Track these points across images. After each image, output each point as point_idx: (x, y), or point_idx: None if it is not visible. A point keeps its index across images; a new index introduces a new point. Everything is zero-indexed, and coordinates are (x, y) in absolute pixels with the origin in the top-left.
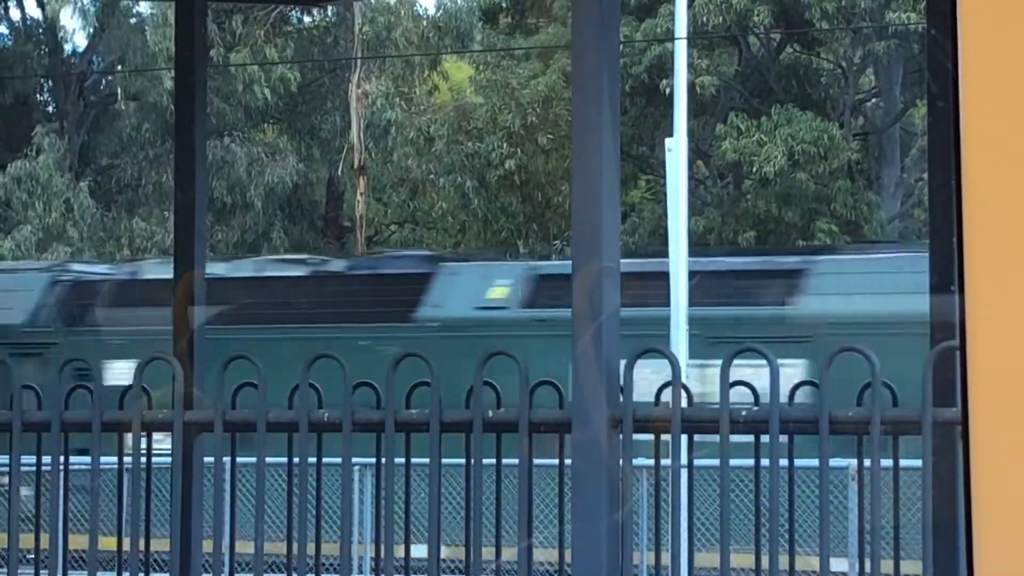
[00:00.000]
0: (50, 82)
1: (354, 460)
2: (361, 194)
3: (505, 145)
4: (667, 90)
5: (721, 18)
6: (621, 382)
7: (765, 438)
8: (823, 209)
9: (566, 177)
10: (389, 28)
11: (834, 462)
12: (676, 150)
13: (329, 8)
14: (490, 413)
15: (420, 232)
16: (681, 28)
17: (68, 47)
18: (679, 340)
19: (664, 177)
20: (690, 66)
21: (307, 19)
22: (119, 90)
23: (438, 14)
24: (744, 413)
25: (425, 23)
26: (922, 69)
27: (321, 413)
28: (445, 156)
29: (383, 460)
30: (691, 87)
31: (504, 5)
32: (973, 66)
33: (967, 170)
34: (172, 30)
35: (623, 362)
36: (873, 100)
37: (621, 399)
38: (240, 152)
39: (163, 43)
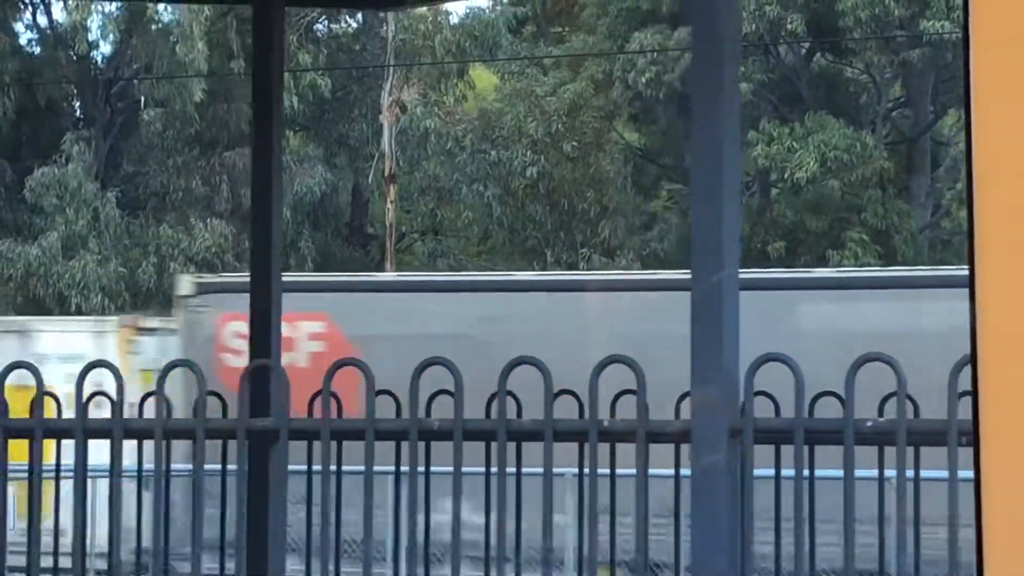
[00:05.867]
0: (78, 89)
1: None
2: (391, 202)
3: (529, 153)
4: None
5: (754, 26)
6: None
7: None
8: (853, 218)
9: (591, 185)
10: (426, 36)
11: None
12: None
13: (360, 15)
14: (605, 422)
15: (447, 242)
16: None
17: (96, 54)
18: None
19: (688, 186)
20: None
21: (334, 26)
22: (143, 98)
23: (467, 22)
24: (869, 424)
25: (461, 32)
26: (953, 78)
27: (431, 421)
28: (470, 165)
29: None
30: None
31: (530, 14)
32: (984, 76)
33: (978, 180)
34: (198, 40)
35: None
36: (902, 109)
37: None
38: None
39: (191, 53)
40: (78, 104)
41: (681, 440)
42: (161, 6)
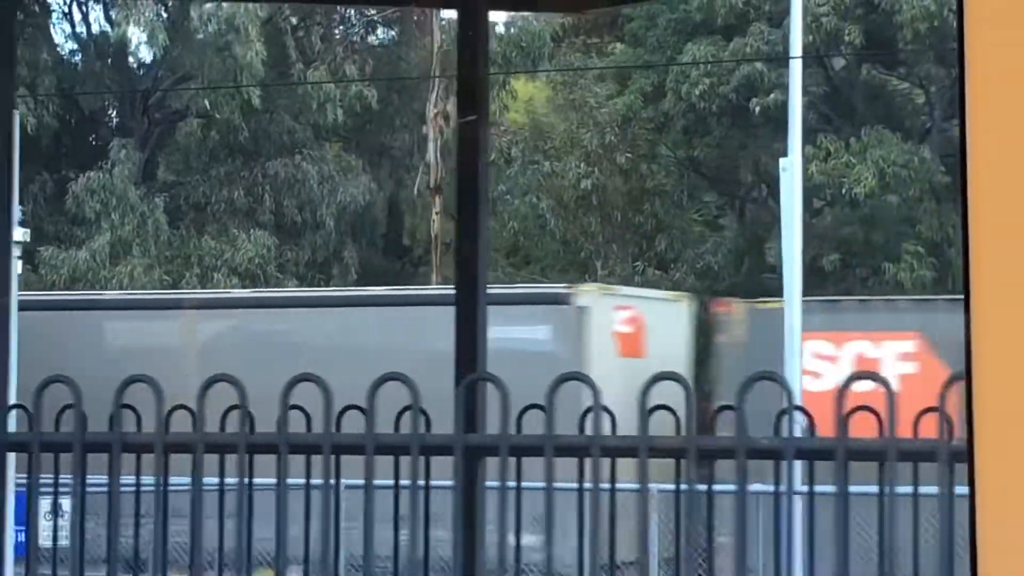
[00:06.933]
0: (121, 97)
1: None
2: (437, 213)
3: (583, 165)
4: (756, 109)
5: (811, 37)
6: None
7: None
8: (908, 231)
9: (645, 197)
10: None
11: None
12: (791, 170)
13: (398, 26)
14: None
15: (494, 255)
16: (796, 46)
17: (136, 61)
18: (794, 368)
19: (740, 199)
20: (779, 86)
21: (371, 39)
22: (188, 106)
23: (511, 32)
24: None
25: (507, 42)
26: None
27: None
28: (521, 176)
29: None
30: (778, 107)
31: (568, 24)
32: (980, 84)
33: (973, 190)
34: (255, 42)
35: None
36: (955, 122)
37: None
38: (312, 170)
39: (246, 58)
40: (122, 112)
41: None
42: (211, 7)
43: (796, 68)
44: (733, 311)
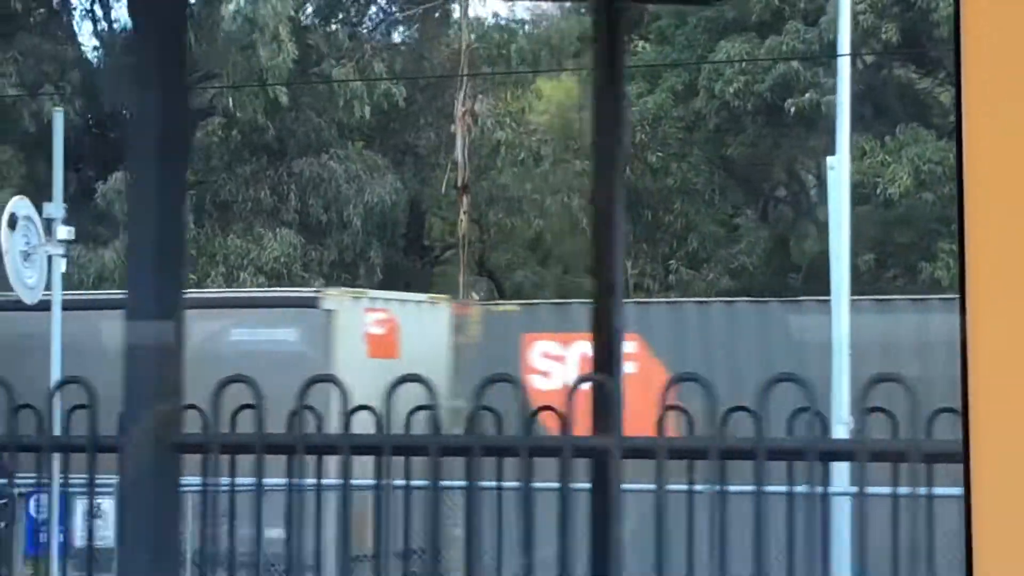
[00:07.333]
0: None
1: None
2: (464, 213)
3: None
4: (791, 109)
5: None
6: None
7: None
8: (943, 230)
9: (676, 196)
10: (500, 45)
11: None
12: (839, 168)
13: (420, 24)
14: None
15: (523, 253)
16: (844, 44)
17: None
18: (842, 370)
19: (774, 199)
20: (815, 84)
21: (394, 37)
22: (216, 105)
23: (536, 31)
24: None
25: (535, 40)
26: None
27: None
28: (551, 176)
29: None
30: (813, 106)
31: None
32: (975, 82)
33: (968, 187)
34: (286, 42)
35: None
36: None
37: None
38: (339, 169)
39: (275, 58)
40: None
41: None
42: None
43: (844, 66)
44: (470, 313)
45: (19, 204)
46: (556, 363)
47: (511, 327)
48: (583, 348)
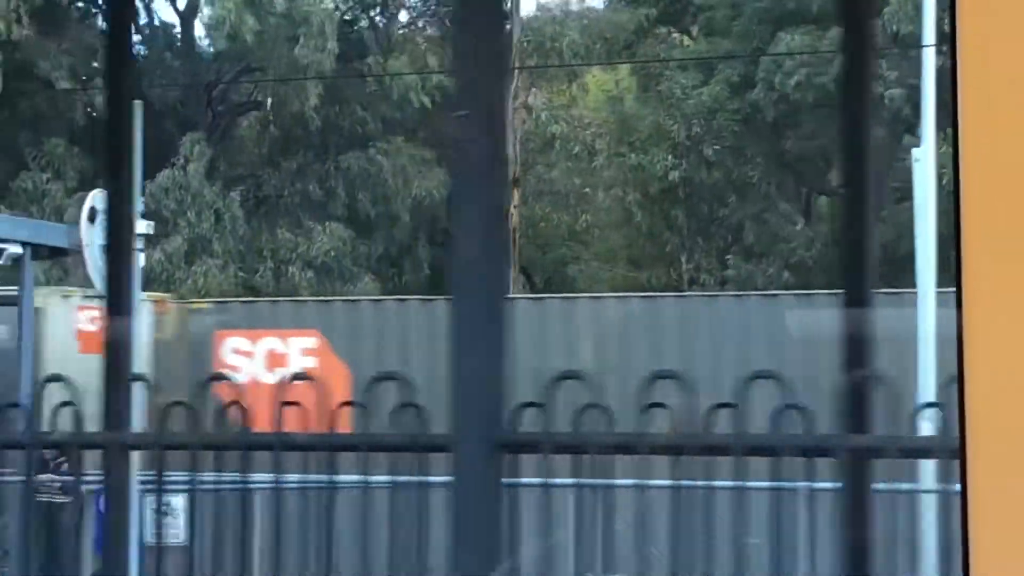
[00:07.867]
0: (186, 90)
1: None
2: (515, 206)
3: (670, 157)
4: None
5: (911, 27)
6: None
7: None
8: None
9: (732, 189)
10: (553, 39)
11: None
12: (924, 160)
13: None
14: None
15: (577, 248)
16: (929, 34)
17: (209, 53)
18: (927, 368)
19: (832, 193)
20: (879, 77)
21: (430, 31)
22: (263, 100)
23: (587, 24)
24: None
25: (589, 33)
26: None
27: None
28: (606, 169)
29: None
30: (879, 99)
31: (643, 16)
32: (972, 81)
33: (965, 190)
34: (329, 39)
35: None
36: None
37: None
38: (386, 163)
39: (317, 54)
40: (194, 107)
41: None
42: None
43: (929, 56)
44: (167, 310)
45: (99, 198)
46: (245, 358)
47: (205, 324)
48: (270, 344)
